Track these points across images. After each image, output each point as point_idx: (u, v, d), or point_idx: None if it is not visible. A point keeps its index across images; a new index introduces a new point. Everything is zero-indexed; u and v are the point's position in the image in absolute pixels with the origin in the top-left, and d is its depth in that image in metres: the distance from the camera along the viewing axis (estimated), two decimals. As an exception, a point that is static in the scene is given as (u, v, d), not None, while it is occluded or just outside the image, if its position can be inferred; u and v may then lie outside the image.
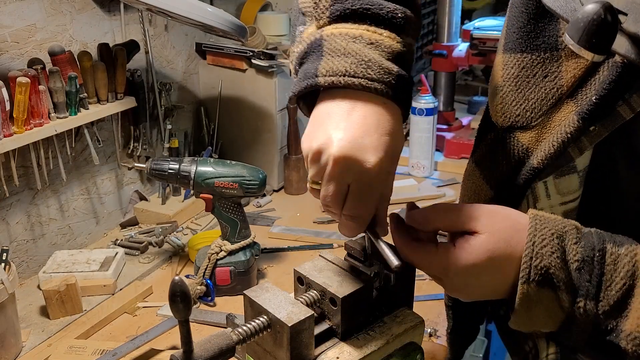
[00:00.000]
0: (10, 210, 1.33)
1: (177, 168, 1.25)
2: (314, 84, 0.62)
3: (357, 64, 0.61)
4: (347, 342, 0.68)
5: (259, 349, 0.68)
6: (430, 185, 1.83)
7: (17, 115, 1.20)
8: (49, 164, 1.34)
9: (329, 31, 0.64)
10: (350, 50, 0.61)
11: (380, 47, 0.62)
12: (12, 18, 1.26)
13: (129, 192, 1.65)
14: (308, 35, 0.66)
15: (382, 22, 0.63)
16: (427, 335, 1.15)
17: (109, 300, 1.27)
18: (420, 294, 1.27)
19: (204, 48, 1.76)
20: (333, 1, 0.64)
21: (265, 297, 0.66)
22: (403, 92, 0.63)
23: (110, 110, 1.44)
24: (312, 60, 0.64)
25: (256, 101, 1.74)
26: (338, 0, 0.64)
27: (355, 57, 0.61)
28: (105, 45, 1.42)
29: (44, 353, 1.11)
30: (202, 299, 1.27)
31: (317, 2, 0.65)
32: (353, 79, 0.60)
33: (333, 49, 0.62)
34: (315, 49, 0.64)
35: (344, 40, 0.62)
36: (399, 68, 0.63)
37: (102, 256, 1.39)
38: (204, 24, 1.30)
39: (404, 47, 0.64)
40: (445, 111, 2.14)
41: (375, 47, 0.62)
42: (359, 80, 0.60)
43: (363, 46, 0.62)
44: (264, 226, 1.60)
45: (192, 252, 1.40)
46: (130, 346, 1.11)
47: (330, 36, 0.63)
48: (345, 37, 0.62)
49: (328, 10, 0.64)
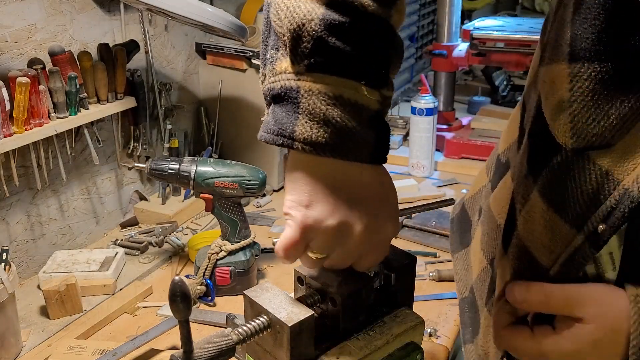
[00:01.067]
0: (10, 210, 1.33)
1: (177, 168, 1.25)
2: (291, 146, 0.60)
3: (336, 135, 0.59)
4: (347, 342, 0.68)
5: (259, 349, 0.68)
6: (430, 185, 1.83)
7: (17, 115, 1.20)
8: (49, 164, 1.34)
9: (307, 85, 0.59)
10: (330, 118, 0.59)
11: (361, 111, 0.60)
12: (12, 18, 1.26)
13: (129, 192, 1.65)
14: (282, 72, 0.61)
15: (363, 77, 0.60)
16: (427, 335, 1.15)
17: (109, 300, 1.27)
18: (420, 294, 1.27)
19: (204, 48, 1.76)
20: (313, 48, 0.58)
21: (265, 297, 0.66)
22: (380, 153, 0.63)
23: (110, 110, 1.44)
24: (287, 110, 0.61)
25: (256, 101, 1.74)
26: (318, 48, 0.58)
27: (333, 127, 0.59)
28: (105, 45, 1.42)
29: (44, 353, 1.11)
30: (202, 299, 1.27)
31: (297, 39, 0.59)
32: (332, 152, 0.59)
33: (311, 111, 0.59)
34: (291, 100, 0.60)
35: (323, 103, 0.59)
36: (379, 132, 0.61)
37: (102, 256, 1.39)
38: (204, 24, 1.30)
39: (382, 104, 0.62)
40: (445, 111, 2.14)
41: (356, 111, 0.59)
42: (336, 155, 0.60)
43: (342, 111, 0.59)
44: (264, 226, 1.60)
45: (192, 252, 1.40)
46: (130, 346, 1.11)
47: (309, 92, 0.59)
48: (324, 97, 0.59)
49: (306, 59, 0.59)
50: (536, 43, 0.76)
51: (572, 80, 0.59)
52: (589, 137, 0.58)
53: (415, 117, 1.86)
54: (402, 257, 0.76)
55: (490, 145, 1.94)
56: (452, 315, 1.22)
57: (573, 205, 0.60)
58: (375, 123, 0.61)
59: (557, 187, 0.62)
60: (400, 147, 2.06)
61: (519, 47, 1.89)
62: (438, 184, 1.84)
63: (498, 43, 1.94)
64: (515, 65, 1.93)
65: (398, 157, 1.96)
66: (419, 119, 1.85)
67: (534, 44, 1.85)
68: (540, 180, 0.64)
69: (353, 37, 0.59)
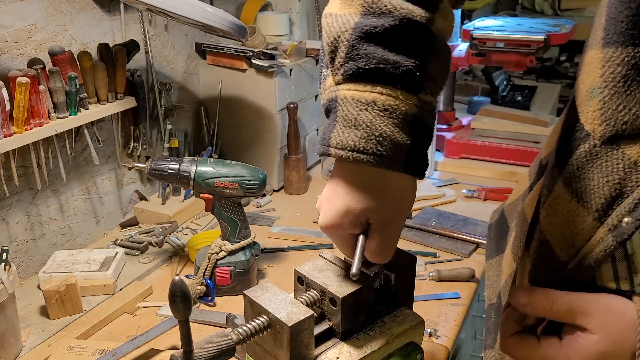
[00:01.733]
0: (10, 210, 1.33)
1: (177, 168, 1.25)
2: (327, 152, 0.61)
3: (367, 139, 0.58)
4: (347, 342, 0.68)
5: (259, 349, 0.68)
6: (430, 185, 1.83)
7: (17, 115, 1.20)
8: (49, 164, 1.34)
9: (342, 93, 0.60)
10: (362, 122, 0.58)
11: (394, 114, 0.58)
12: (12, 18, 1.26)
13: (129, 192, 1.65)
14: (328, 87, 0.63)
15: (397, 82, 0.58)
16: (427, 335, 1.15)
17: (109, 300, 1.27)
18: (420, 294, 1.27)
19: (204, 48, 1.77)
20: (347, 57, 0.59)
21: (265, 297, 0.66)
22: (415, 162, 0.60)
23: (110, 110, 1.44)
24: (330, 121, 0.62)
25: (256, 101, 1.74)
26: (352, 56, 0.59)
27: (365, 131, 0.58)
28: (105, 45, 1.42)
29: (44, 353, 1.11)
30: (202, 299, 1.27)
31: (334, 52, 0.61)
32: (362, 155, 0.58)
33: (345, 117, 0.59)
34: (332, 109, 0.62)
35: (356, 108, 0.59)
36: (414, 136, 0.59)
37: (102, 256, 1.39)
38: (204, 24, 1.30)
39: (421, 109, 0.60)
40: (445, 111, 2.14)
41: (389, 115, 0.58)
42: (367, 157, 0.58)
43: (375, 115, 0.58)
44: (264, 226, 1.60)
45: (192, 252, 1.40)
46: (130, 346, 1.11)
47: (344, 100, 0.60)
48: (357, 103, 0.59)
49: (342, 67, 0.60)
50: (536, 43, 0.77)
51: (604, 65, 0.57)
52: (619, 124, 0.57)
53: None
54: (402, 257, 0.76)
55: (490, 145, 1.94)
56: (452, 315, 1.22)
57: (597, 196, 0.59)
58: (411, 127, 0.59)
59: (582, 177, 0.60)
60: (400, 147, 2.06)
61: (519, 47, 1.89)
62: (438, 184, 1.84)
63: (498, 43, 1.94)
64: (515, 65, 1.93)
65: (398, 157, 1.96)
66: (419, 119, 1.85)
67: (534, 44, 1.85)
68: (566, 170, 0.63)
69: (385, 42, 0.58)
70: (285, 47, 1.80)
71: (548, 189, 0.66)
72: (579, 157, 0.61)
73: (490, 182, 1.84)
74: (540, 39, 1.84)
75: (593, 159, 0.59)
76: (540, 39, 1.84)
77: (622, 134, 0.57)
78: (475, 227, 1.55)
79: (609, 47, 0.57)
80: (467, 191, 1.76)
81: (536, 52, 1.85)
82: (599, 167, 0.59)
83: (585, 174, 0.60)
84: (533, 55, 1.86)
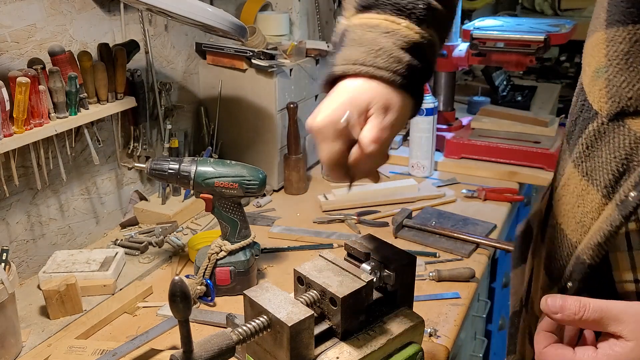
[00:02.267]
0: (10, 210, 1.33)
1: (177, 168, 1.25)
2: (331, 72, 0.66)
3: (368, 52, 0.64)
4: (347, 342, 0.68)
5: (259, 349, 0.68)
6: (430, 186, 1.83)
7: (17, 115, 1.20)
8: (49, 164, 1.34)
9: (353, 22, 0.68)
10: (365, 40, 0.64)
11: (395, 36, 0.64)
12: (12, 18, 1.26)
13: (129, 192, 1.65)
14: (340, 26, 0.70)
15: (402, 12, 0.65)
16: (427, 335, 1.15)
17: (109, 300, 1.27)
18: (420, 294, 1.27)
19: (204, 48, 1.77)
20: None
21: (265, 297, 0.66)
22: (413, 81, 0.65)
23: (110, 110, 1.44)
24: (337, 51, 0.68)
25: (256, 101, 1.74)
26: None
27: (367, 47, 0.64)
28: (105, 45, 1.42)
29: (44, 353, 1.11)
30: (202, 299, 1.27)
31: None
32: (362, 67, 0.63)
33: (351, 39, 0.66)
34: (341, 40, 0.68)
35: (362, 30, 0.66)
36: (412, 57, 0.64)
37: (102, 256, 1.39)
38: (204, 24, 1.30)
39: (422, 38, 0.65)
40: (445, 111, 2.14)
41: (390, 36, 0.64)
42: (366, 69, 0.63)
43: (378, 35, 0.64)
44: (264, 226, 1.60)
45: (192, 252, 1.40)
46: (130, 346, 1.11)
47: (352, 27, 0.67)
48: (363, 27, 0.66)
49: (355, 1, 0.68)
50: (536, 43, 0.80)
51: (607, 45, 0.60)
52: (624, 101, 0.58)
53: (415, 117, 1.85)
54: (402, 257, 0.76)
55: (490, 145, 1.94)
56: (452, 315, 1.22)
57: (605, 172, 0.60)
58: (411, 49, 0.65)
59: (591, 155, 0.62)
60: (400, 147, 2.06)
61: (519, 47, 1.89)
62: (438, 184, 1.84)
63: (498, 43, 1.94)
64: (515, 65, 1.93)
65: (398, 157, 1.96)
66: (419, 119, 1.85)
67: (534, 44, 1.85)
68: (576, 150, 0.65)
69: None
70: (285, 47, 1.80)
71: (559, 172, 0.69)
72: (587, 135, 0.63)
73: (490, 182, 1.84)
74: (540, 39, 1.84)
75: (601, 136, 0.61)
76: (540, 39, 1.84)
77: (628, 110, 0.58)
78: (475, 227, 1.55)
79: (611, 27, 0.59)
80: (467, 191, 1.76)
81: (536, 52, 1.85)
82: (607, 144, 0.60)
83: (594, 152, 0.62)
84: (533, 55, 1.86)
